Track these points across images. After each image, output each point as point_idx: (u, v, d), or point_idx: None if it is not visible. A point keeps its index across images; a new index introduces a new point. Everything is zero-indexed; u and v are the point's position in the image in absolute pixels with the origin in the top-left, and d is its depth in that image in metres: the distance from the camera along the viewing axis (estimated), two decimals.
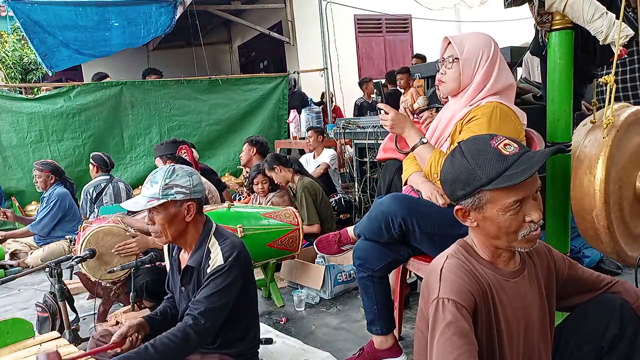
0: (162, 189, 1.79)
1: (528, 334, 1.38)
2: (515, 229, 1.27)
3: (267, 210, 3.13)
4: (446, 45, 2.06)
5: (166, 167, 1.86)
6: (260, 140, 4.87)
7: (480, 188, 1.26)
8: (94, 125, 6.20)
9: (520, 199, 1.24)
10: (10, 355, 1.86)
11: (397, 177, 2.85)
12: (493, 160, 1.24)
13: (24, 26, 5.71)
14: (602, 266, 3.05)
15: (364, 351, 2.26)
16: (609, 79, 1.79)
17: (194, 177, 1.86)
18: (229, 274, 1.80)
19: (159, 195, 1.78)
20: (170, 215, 1.81)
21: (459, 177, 1.30)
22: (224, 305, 1.81)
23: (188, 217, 1.85)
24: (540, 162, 1.22)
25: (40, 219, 4.52)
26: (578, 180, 1.87)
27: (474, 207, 1.30)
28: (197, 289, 1.86)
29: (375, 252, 2.13)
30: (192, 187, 1.84)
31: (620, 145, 1.84)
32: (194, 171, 1.90)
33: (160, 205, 1.79)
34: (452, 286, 1.26)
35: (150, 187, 1.81)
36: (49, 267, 2.43)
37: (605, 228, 1.81)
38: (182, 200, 1.82)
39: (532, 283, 1.40)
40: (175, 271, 2.01)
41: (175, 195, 1.80)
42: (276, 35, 8.11)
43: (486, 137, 1.31)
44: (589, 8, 1.78)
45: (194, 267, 1.88)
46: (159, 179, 1.80)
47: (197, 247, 1.90)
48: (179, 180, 1.82)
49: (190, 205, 1.84)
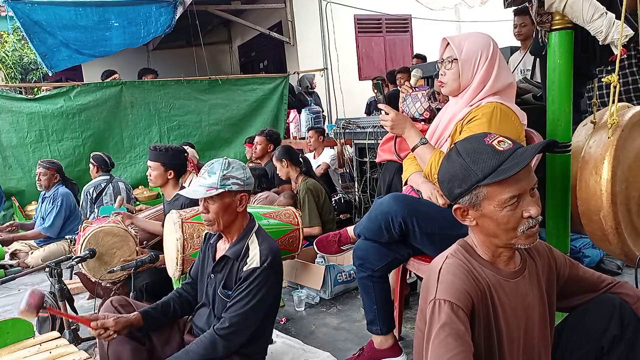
0: (220, 179, 1.88)
1: (528, 334, 1.38)
2: (513, 225, 1.27)
3: (267, 210, 3.13)
4: (445, 45, 2.05)
5: (222, 159, 1.95)
6: (276, 136, 4.96)
7: (476, 184, 1.26)
8: (93, 125, 6.21)
9: (517, 195, 1.25)
10: (10, 355, 1.86)
11: (397, 177, 2.85)
12: (488, 156, 1.26)
13: (24, 26, 5.71)
14: (603, 266, 3.05)
15: (364, 351, 2.26)
16: (612, 79, 1.79)
17: (247, 171, 1.97)
18: (263, 277, 1.86)
19: (217, 185, 1.87)
20: (225, 204, 1.90)
21: (456, 175, 1.30)
22: (256, 308, 1.86)
23: (240, 207, 1.94)
24: (531, 155, 1.23)
25: (52, 222, 4.48)
26: (584, 181, 1.86)
27: (471, 204, 1.30)
28: (227, 279, 1.94)
29: (375, 252, 2.13)
30: (246, 180, 1.94)
31: (625, 145, 1.84)
32: (245, 165, 2.00)
33: (216, 195, 1.88)
34: (449, 287, 1.27)
35: (208, 177, 1.90)
36: (49, 267, 2.43)
37: (613, 229, 1.80)
38: (237, 191, 1.91)
39: (533, 283, 1.40)
40: (209, 258, 2.06)
41: (231, 186, 1.89)
42: (276, 35, 8.11)
43: (481, 136, 1.33)
44: (588, 8, 1.79)
45: (230, 258, 1.94)
46: (217, 169, 1.89)
47: (238, 240, 1.97)
48: (235, 172, 1.91)
49: (244, 196, 1.94)
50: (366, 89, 7.74)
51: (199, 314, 2.07)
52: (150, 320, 1.96)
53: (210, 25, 9.31)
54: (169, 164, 2.97)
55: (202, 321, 2.02)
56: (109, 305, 2.01)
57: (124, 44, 6.47)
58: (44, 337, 2.03)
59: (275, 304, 2.02)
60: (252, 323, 1.87)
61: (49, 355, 1.84)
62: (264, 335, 2.04)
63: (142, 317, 1.92)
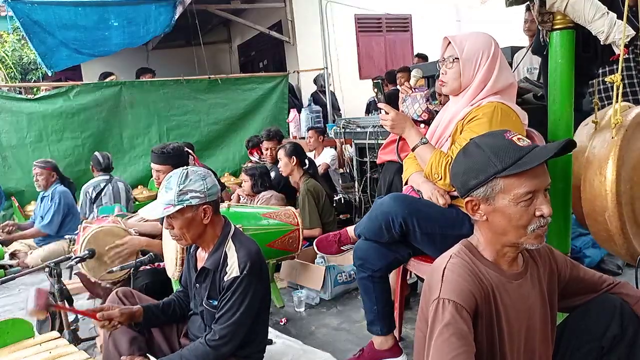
0: (177, 194, 1.79)
1: (529, 336, 1.38)
2: (525, 222, 1.27)
3: (267, 210, 3.13)
4: (446, 45, 2.05)
5: (179, 171, 1.86)
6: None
7: (494, 175, 1.26)
8: (93, 125, 6.20)
9: (533, 191, 1.25)
10: (10, 355, 1.86)
11: (397, 177, 2.85)
12: (509, 149, 1.27)
13: (23, 26, 5.71)
14: (603, 266, 3.05)
15: (364, 352, 2.26)
16: (615, 79, 1.78)
17: (208, 180, 1.87)
18: (246, 284, 1.82)
19: (174, 201, 1.79)
20: (187, 220, 1.83)
21: (473, 166, 1.31)
22: (243, 317, 1.83)
23: (205, 219, 1.86)
24: (552, 152, 1.25)
25: (50, 219, 4.48)
26: (588, 181, 1.85)
27: (485, 197, 1.29)
28: (211, 289, 1.91)
29: (375, 253, 2.12)
30: (207, 191, 1.84)
31: (629, 144, 1.84)
32: (207, 173, 1.90)
33: (177, 212, 1.80)
34: (454, 287, 1.26)
35: (166, 194, 1.82)
36: (48, 267, 2.43)
37: (618, 229, 1.79)
38: (198, 204, 1.82)
39: (535, 285, 1.40)
40: (191, 268, 2.04)
41: (190, 201, 1.81)
42: (276, 35, 8.10)
43: (500, 132, 1.35)
44: (590, 8, 1.78)
45: (210, 269, 1.91)
46: (173, 184, 1.81)
47: (214, 249, 1.92)
48: (192, 185, 1.82)
49: (206, 208, 1.85)
50: (366, 89, 7.71)
51: (192, 320, 2.07)
52: (151, 316, 1.98)
53: (210, 25, 9.30)
54: (176, 164, 2.91)
55: (195, 327, 2.02)
56: (114, 296, 2.04)
57: (124, 44, 6.46)
58: (43, 337, 2.02)
59: (264, 306, 1.99)
60: (243, 330, 1.86)
61: (49, 355, 1.83)
62: (259, 337, 2.02)
63: (143, 311, 1.94)
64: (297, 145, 4.11)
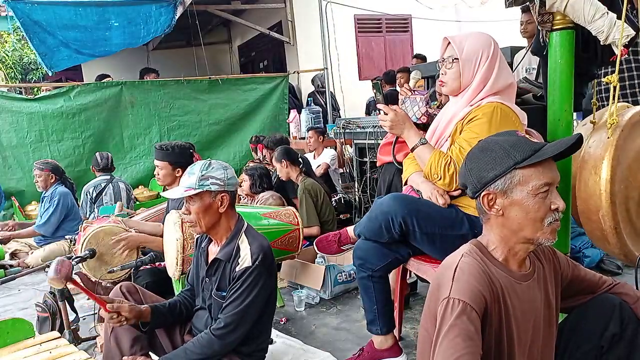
0: (199, 179, 1.89)
1: (535, 337, 1.38)
2: (542, 214, 1.28)
3: (267, 210, 3.13)
4: (446, 45, 2.05)
5: (203, 160, 1.97)
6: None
7: (514, 166, 1.28)
8: (93, 125, 6.21)
9: (550, 183, 1.28)
10: (10, 355, 1.86)
11: (397, 177, 2.85)
12: (525, 143, 1.31)
13: (23, 26, 5.71)
14: (603, 266, 3.05)
15: (364, 351, 2.26)
16: (612, 79, 1.78)
17: (229, 171, 1.96)
18: (256, 276, 1.87)
19: (195, 185, 1.88)
20: (205, 205, 1.91)
21: (492, 159, 1.32)
22: (251, 307, 1.87)
23: (221, 208, 1.94)
24: (572, 139, 1.29)
25: (47, 219, 4.48)
26: (583, 181, 1.86)
27: (502, 191, 1.30)
28: (221, 281, 1.95)
29: (375, 252, 2.13)
30: (227, 180, 1.93)
31: (625, 145, 1.84)
32: (228, 165, 2.00)
33: (196, 195, 1.89)
34: (465, 287, 1.25)
35: (188, 178, 1.91)
36: (48, 267, 2.43)
37: (612, 229, 1.80)
38: (217, 191, 1.91)
39: (541, 286, 1.40)
40: (202, 262, 2.07)
41: (210, 186, 1.90)
42: (276, 35, 8.10)
43: (512, 131, 1.40)
44: (589, 8, 1.78)
45: (222, 260, 1.95)
46: (196, 170, 1.91)
47: (227, 242, 1.97)
48: (214, 172, 1.91)
49: (224, 196, 1.93)
50: (366, 89, 7.73)
51: (197, 316, 2.09)
52: (159, 316, 1.99)
53: (210, 25, 9.30)
54: (176, 162, 2.96)
55: (201, 323, 2.03)
56: (118, 291, 2.05)
57: (124, 44, 6.46)
58: (44, 337, 2.03)
59: (271, 302, 2.02)
60: (248, 321, 1.89)
61: (49, 355, 1.84)
62: (263, 334, 2.04)
63: (151, 311, 1.95)
64: (284, 148, 4.15)
